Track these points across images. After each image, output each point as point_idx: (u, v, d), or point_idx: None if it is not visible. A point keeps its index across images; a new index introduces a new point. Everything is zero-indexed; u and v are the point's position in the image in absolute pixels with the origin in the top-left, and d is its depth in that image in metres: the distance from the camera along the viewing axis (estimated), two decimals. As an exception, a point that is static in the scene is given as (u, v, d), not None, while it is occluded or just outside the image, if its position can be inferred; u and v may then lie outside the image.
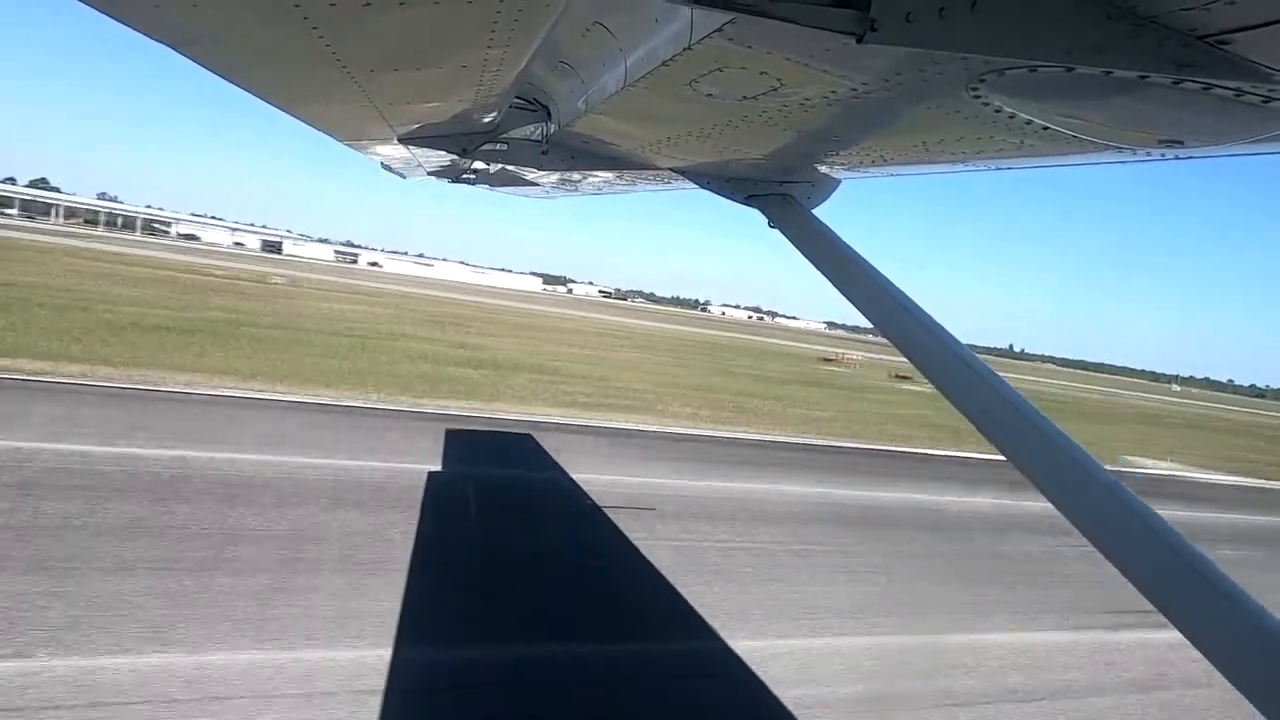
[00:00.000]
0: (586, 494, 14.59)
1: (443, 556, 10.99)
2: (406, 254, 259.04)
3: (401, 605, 9.13)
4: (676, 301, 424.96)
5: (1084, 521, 2.81)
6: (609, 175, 5.81)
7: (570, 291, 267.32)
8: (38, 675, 6.86)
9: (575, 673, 8.28)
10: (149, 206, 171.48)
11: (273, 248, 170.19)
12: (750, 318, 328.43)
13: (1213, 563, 2.53)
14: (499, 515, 13.18)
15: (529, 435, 19.03)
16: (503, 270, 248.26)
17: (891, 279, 3.79)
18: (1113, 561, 2.69)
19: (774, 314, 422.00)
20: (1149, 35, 1.51)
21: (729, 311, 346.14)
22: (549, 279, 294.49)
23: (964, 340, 3.52)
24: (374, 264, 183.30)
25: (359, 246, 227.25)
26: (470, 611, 9.40)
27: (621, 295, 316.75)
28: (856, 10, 1.59)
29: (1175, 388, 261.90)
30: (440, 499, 13.24)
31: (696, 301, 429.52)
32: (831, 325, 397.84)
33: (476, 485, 14.53)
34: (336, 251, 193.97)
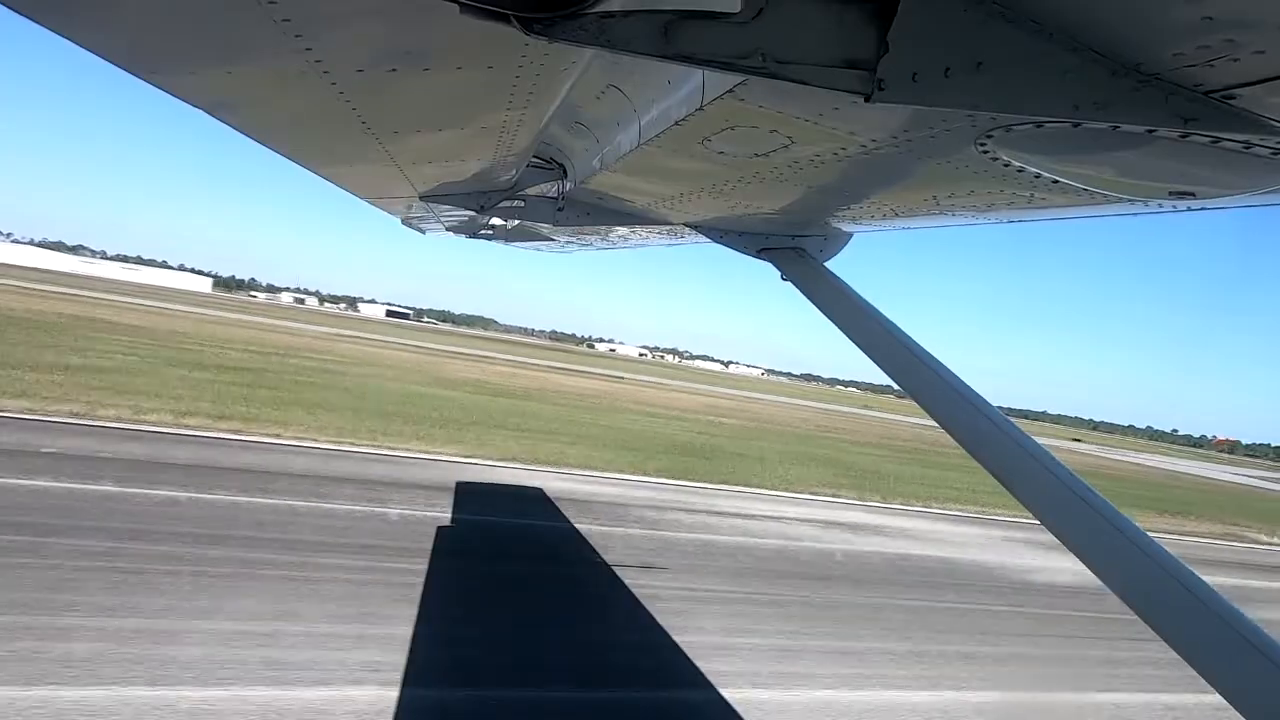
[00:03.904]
0: None
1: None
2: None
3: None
4: (575, 339, 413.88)
5: (1116, 579, 2.72)
6: (623, 230, 5.92)
7: (302, 302, 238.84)
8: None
9: None
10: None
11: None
12: (641, 355, 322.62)
13: (1242, 614, 2.43)
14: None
15: None
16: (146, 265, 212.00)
17: (908, 332, 3.78)
18: (1143, 618, 2.60)
19: (683, 354, 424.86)
20: (1154, 90, 1.53)
21: (620, 349, 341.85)
22: (226, 282, 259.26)
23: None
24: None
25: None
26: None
27: (418, 315, 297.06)
28: (864, 70, 1.64)
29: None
30: None
31: (583, 337, 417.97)
32: (771, 372, 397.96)
33: None
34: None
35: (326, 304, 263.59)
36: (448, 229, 8.19)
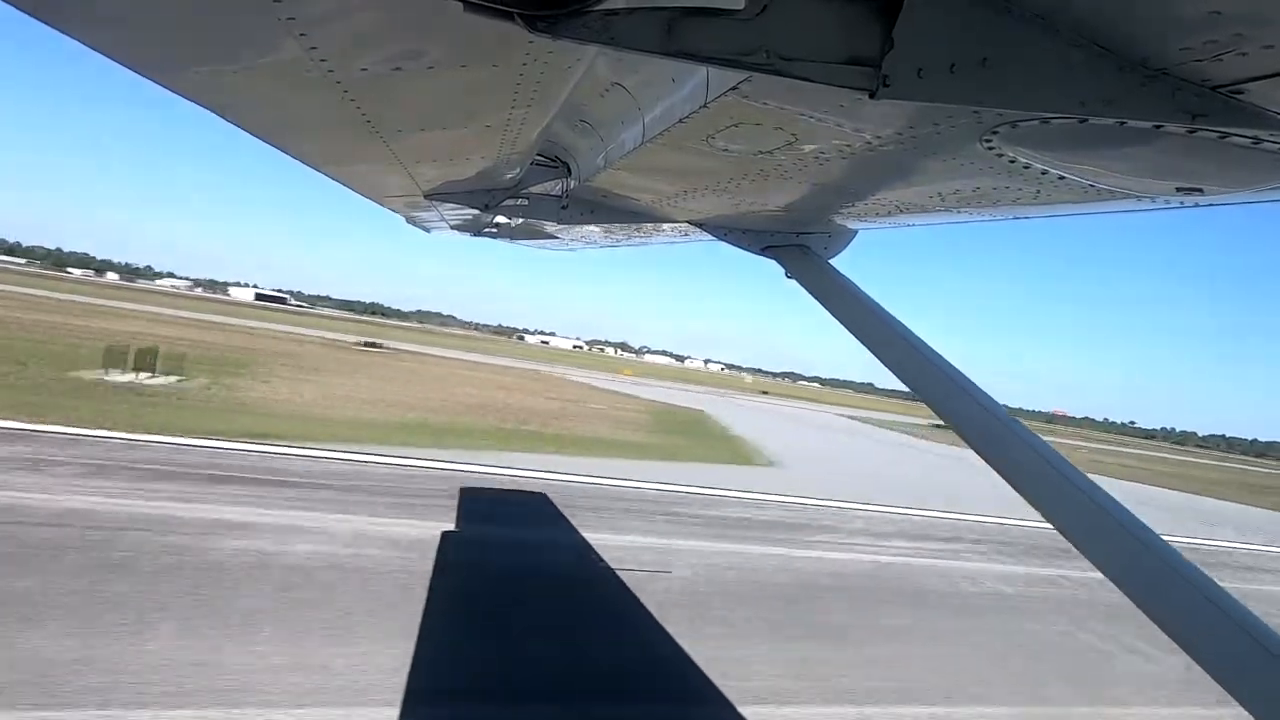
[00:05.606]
0: None
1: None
2: None
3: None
4: (495, 329, 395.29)
5: (1124, 579, 2.71)
6: (626, 228, 5.91)
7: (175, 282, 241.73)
8: None
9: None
10: None
11: None
12: (575, 347, 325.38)
13: (1242, 605, 2.42)
14: None
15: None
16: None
17: (913, 328, 3.77)
18: (1151, 618, 2.59)
19: (638, 349, 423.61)
20: (1162, 86, 1.52)
21: (553, 341, 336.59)
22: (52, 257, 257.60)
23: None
24: None
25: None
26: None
27: (279, 298, 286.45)
28: (869, 67, 1.63)
29: (748, 379, 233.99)
30: None
31: (514, 329, 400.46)
32: (730, 367, 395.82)
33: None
34: None
35: (198, 288, 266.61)
36: (452, 227, 8.19)
